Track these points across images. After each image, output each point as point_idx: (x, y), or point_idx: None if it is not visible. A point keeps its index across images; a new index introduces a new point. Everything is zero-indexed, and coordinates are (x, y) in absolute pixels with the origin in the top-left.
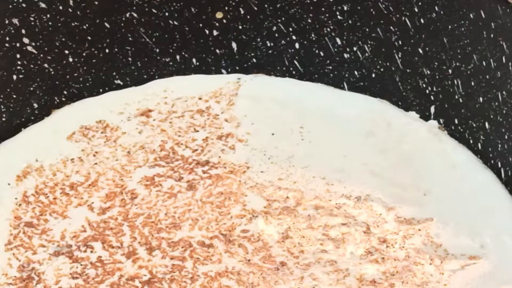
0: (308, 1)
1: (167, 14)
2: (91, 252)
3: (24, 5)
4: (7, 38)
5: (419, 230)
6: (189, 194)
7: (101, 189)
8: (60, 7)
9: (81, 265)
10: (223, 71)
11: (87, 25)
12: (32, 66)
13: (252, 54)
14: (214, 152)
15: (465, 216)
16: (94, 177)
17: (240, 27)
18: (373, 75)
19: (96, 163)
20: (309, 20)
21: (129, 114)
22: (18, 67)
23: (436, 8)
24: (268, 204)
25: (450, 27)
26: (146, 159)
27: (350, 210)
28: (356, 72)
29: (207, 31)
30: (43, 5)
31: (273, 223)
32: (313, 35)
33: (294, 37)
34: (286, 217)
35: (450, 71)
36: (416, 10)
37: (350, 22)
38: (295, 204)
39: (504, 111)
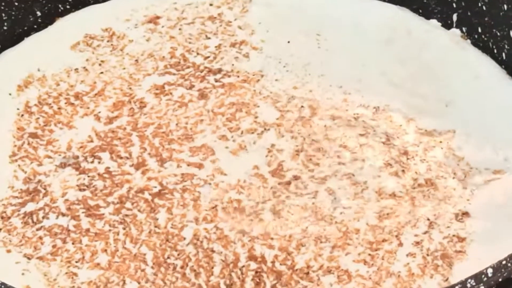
0: None
1: None
2: (99, 163)
3: None
4: None
5: (441, 142)
6: (200, 103)
7: (108, 99)
8: None
9: (89, 176)
10: None
11: None
12: None
13: None
14: (227, 59)
15: (489, 128)
16: (100, 86)
17: None
18: None
19: (102, 72)
20: None
21: (136, 21)
22: None
23: None
24: (281, 116)
25: None
26: (155, 67)
27: (369, 121)
28: None
29: None
30: None
31: (285, 136)
32: None
33: None
34: (301, 128)
35: None
36: None
37: None
38: (311, 114)
39: None
